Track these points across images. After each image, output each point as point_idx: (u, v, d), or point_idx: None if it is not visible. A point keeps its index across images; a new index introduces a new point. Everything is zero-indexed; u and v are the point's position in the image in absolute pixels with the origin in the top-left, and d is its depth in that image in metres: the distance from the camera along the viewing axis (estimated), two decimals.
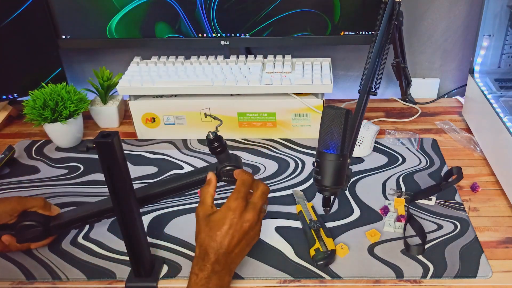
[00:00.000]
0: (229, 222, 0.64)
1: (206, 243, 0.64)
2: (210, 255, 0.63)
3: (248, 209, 0.65)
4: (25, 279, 0.75)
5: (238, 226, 0.64)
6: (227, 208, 0.65)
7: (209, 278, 0.62)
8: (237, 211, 0.64)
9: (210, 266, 0.63)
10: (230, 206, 0.64)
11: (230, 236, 0.63)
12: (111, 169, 0.62)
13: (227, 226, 0.64)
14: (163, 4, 1.02)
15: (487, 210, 0.85)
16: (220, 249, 0.63)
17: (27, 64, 1.10)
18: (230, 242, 0.63)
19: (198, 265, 0.63)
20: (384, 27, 0.82)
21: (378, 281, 0.73)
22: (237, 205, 0.64)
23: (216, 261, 0.63)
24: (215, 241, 0.63)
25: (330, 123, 0.63)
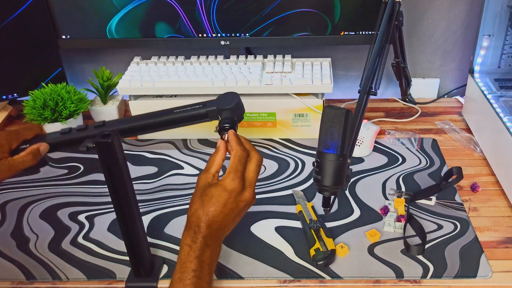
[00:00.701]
0: (224, 202, 0.61)
1: (198, 215, 0.62)
2: (202, 228, 0.61)
3: (245, 188, 0.63)
4: (25, 279, 0.75)
5: (233, 205, 0.62)
6: (223, 188, 0.62)
7: (202, 250, 0.61)
8: (233, 193, 0.62)
9: (202, 239, 0.61)
10: (226, 187, 0.62)
11: (224, 214, 0.62)
12: (111, 169, 0.62)
13: (221, 205, 0.61)
14: (163, 4, 1.02)
15: (487, 210, 0.85)
16: (213, 225, 0.62)
17: (27, 64, 1.10)
18: (223, 219, 0.62)
19: (190, 237, 0.62)
20: (384, 27, 0.82)
21: (378, 281, 0.73)
22: (234, 186, 0.62)
23: (209, 235, 0.62)
24: (207, 215, 0.61)
25: (330, 123, 0.63)
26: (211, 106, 0.68)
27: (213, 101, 0.69)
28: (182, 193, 0.92)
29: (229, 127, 0.66)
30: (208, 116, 0.69)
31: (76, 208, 0.89)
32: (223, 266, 0.76)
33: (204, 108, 0.68)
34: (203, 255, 0.61)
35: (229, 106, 0.68)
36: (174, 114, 0.69)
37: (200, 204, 0.62)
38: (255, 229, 0.82)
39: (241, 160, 0.63)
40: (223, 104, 0.68)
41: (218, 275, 0.74)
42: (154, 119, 0.69)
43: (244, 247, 0.79)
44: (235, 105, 0.68)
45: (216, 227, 0.62)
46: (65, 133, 0.67)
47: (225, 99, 0.69)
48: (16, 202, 0.91)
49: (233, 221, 0.64)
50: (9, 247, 0.81)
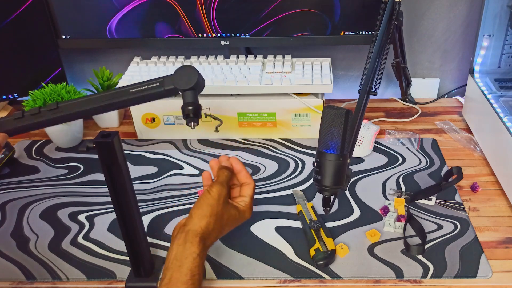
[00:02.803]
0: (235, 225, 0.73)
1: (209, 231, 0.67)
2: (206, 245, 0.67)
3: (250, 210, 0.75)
4: (25, 279, 0.75)
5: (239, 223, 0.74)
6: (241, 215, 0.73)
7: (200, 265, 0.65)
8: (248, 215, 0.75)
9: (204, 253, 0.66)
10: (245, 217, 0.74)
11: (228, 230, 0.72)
12: (111, 169, 0.62)
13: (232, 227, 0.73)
14: (163, 4, 1.02)
15: (487, 210, 0.85)
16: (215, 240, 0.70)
17: (27, 64, 1.10)
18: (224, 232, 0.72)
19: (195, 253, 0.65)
20: (384, 27, 0.82)
21: (378, 281, 0.73)
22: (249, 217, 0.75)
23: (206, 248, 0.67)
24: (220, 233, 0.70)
25: (330, 123, 0.63)
26: (169, 85, 0.64)
27: (171, 78, 0.64)
28: (182, 193, 0.92)
29: (194, 115, 0.64)
30: (167, 95, 0.65)
31: (76, 208, 0.89)
32: (223, 266, 0.76)
33: (162, 87, 0.64)
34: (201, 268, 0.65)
35: (190, 86, 0.64)
36: (130, 94, 0.64)
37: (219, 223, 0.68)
38: (255, 229, 0.82)
39: (253, 189, 0.76)
40: (182, 84, 0.64)
41: (218, 275, 0.74)
42: (111, 100, 0.65)
43: (244, 247, 0.79)
44: (196, 84, 0.64)
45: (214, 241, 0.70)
46: (18, 119, 0.64)
47: (183, 76, 0.64)
48: (16, 202, 0.91)
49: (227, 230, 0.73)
50: (9, 247, 0.81)
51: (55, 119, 0.64)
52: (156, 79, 0.65)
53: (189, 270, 0.62)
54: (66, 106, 0.64)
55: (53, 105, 0.63)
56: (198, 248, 0.64)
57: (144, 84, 0.64)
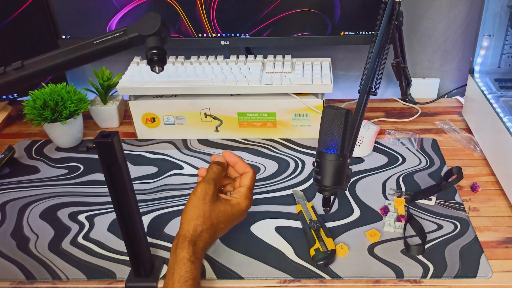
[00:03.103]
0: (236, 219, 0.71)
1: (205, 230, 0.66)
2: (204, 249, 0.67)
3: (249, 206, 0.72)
4: (25, 279, 0.75)
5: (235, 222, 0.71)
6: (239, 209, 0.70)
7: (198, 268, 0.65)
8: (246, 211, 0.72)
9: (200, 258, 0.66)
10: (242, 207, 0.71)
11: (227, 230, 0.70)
12: (111, 169, 0.62)
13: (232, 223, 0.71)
14: (163, 4, 1.02)
15: (487, 210, 0.85)
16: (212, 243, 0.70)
17: None
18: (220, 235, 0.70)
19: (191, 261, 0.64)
20: (384, 27, 0.82)
21: (378, 281, 0.73)
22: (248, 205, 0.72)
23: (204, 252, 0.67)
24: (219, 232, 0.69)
25: (330, 123, 0.62)
26: (133, 33, 0.62)
27: (134, 26, 0.62)
28: (182, 193, 0.92)
29: (158, 58, 0.61)
30: (132, 45, 0.63)
31: (76, 208, 0.89)
32: (223, 266, 0.76)
33: (126, 36, 0.62)
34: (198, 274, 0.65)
35: (153, 31, 0.62)
36: (95, 46, 0.63)
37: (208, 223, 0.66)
38: (255, 229, 0.82)
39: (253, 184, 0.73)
40: (146, 29, 0.62)
41: (218, 275, 0.74)
42: (76, 53, 0.64)
43: (244, 247, 0.79)
44: (159, 28, 0.62)
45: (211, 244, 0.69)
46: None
47: (146, 23, 0.62)
48: (16, 202, 0.91)
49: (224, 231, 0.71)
50: (9, 247, 0.81)
51: (22, 78, 0.62)
52: (119, 29, 0.63)
53: (181, 277, 0.62)
54: (32, 63, 0.63)
55: (18, 63, 0.62)
56: (187, 253, 0.63)
57: (108, 34, 0.63)
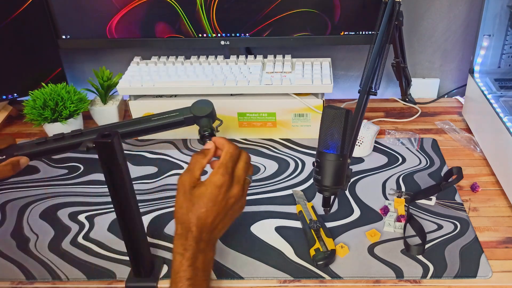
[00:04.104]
0: (214, 199, 0.60)
1: (189, 220, 0.60)
2: (194, 233, 0.60)
3: (233, 184, 0.62)
4: (25, 279, 0.75)
5: (223, 203, 0.61)
6: (213, 185, 0.61)
7: (195, 257, 0.60)
8: (223, 188, 0.61)
9: (195, 244, 0.60)
10: (216, 183, 0.61)
11: (215, 213, 0.61)
12: (111, 169, 0.62)
13: (212, 203, 0.60)
14: (163, 4, 1.02)
15: (487, 210, 0.85)
16: (204, 227, 0.61)
17: (27, 64, 1.10)
18: (214, 219, 0.61)
19: (182, 244, 0.61)
20: (384, 27, 0.82)
21: (378, 281, 0.73)
22: (224, 181, 0.61)
23: (201, 239, 0.61)
24: (199, 218, 0.60)
25: (330, 123, 0.63)
26: (188, 114, 0.72)
27: (189, 109, 0.73)
28: None
29: (209, 133, 0.71)
30: (185, 123, 0.73)
31: (76, 208, 0.89)
32: (223, 266, 0.76)
33: (182, 116, 0.72)
34: (196, 262, 0.60)
35: (206, 113, 0.72)
36: (152, 122, 0.72)
37: (189, 206, 0.61)
38: (255, 229, 0.82)
39: (232, 157, 0.63)
40: (199, 112, 0.72)
41: (218, 275, 0.74)
42: (133, 127, 0.72)
43: (244, 247, 0.79)
44: (210, 113, 0.72)
45: (208, 229, 0.61)
46: (40, 143, 0.68)
47: (200, 106, 0.73)
48: (16, 202, 0.91)
49: (224, 221, 0.63)
50: (9, 247, 0.81)
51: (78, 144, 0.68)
52: (175, 110, 0.73)
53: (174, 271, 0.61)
54: (89, 132, 0.69)
55: (77, 130, 0.68)
56: (177, 247, 0.61)
57: (165, 114, 0.73)
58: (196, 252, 0.60)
